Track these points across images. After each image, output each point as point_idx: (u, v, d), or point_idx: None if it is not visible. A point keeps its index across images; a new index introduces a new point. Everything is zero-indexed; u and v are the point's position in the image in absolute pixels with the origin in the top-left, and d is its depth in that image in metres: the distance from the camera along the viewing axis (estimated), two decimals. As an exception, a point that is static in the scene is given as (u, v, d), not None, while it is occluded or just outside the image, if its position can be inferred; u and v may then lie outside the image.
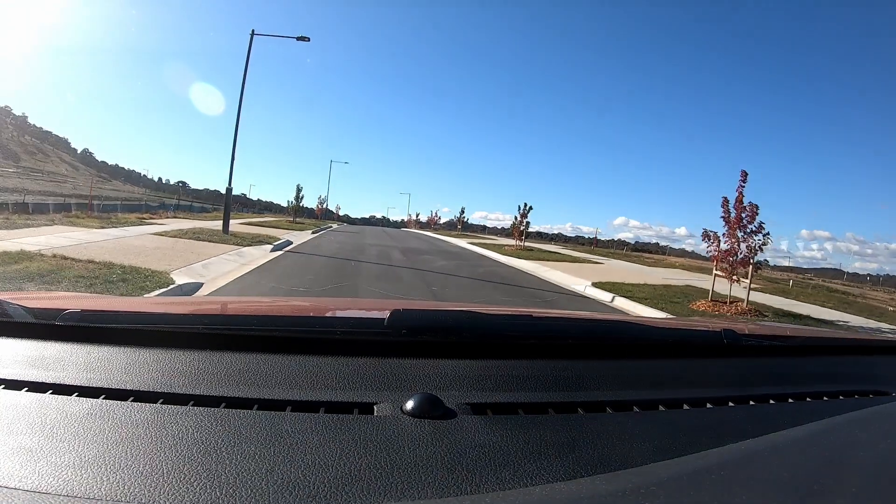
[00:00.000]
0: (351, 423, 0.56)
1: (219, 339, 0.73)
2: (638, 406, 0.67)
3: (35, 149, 67.05)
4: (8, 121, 66.99)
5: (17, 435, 0.52)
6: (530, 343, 0.81)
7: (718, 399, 0.72)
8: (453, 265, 12.09)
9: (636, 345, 0.88)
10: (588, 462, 0.52)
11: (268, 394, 0.61)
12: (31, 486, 0.44)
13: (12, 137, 63.87)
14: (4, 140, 61.81)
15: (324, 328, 0.85)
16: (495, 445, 0.53)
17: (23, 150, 63.16)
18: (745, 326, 1.11)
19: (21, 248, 6.68)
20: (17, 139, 64.80)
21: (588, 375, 0.73)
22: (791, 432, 0.56)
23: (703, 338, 1.00)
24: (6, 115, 67.30)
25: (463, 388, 0.66)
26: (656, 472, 0.45)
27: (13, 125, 66.91)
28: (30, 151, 64.24)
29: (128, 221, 13.81)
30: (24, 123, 71.03)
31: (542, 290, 9.22)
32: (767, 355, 0.96)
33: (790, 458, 0.49)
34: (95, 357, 0.69)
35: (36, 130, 72.92)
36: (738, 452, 0.49)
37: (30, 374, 0.65)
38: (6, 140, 62.11)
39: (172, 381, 0.64)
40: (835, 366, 0.98)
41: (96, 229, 10.41)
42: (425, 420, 0.57)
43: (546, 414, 0.63)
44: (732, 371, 0.86)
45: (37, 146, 68.10)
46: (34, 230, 9.27)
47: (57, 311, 0.76)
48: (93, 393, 0.61)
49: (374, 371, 0.68)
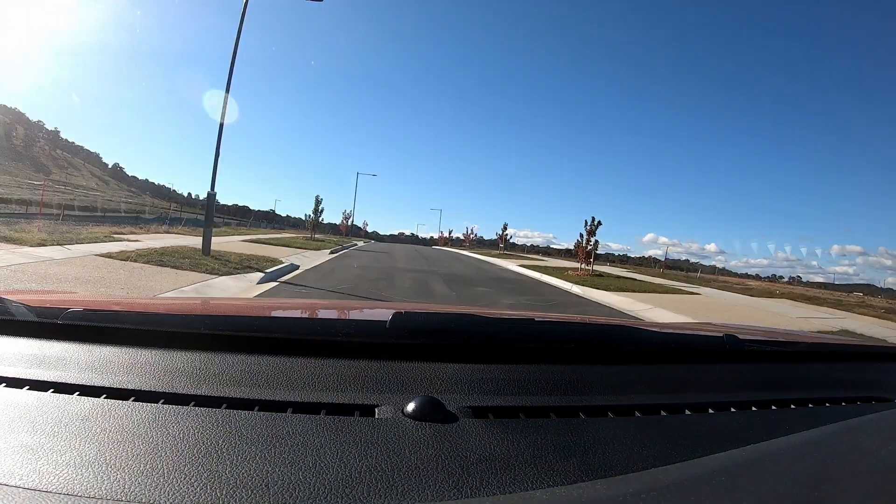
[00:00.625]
0: (352, 426, 0.56)
1: (221, 340, 0.73)
2: (639, 411, 0.66)
3: (66, 163, 67.38)
4: (40, 135, 67.33)
5: (18, 433, 0.52)
6: (532, 347, 0.79)
7: (720, 404, 0.71)
8: (524, 304, 8.30)
9: (638, 349, 0.87)
10: (589, 467, 0.52)
11: (269, 395, 0.61)
12: (31, 484, 0.44)
13: (43, 151, 63.96)
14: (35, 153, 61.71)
15: (326, 330, 0.83)
16: (496, 449, 0.53)
17: (54, 164, 63.26)
18: (746, 331, 1.13)
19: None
20: (48, 153, 64.94)
21: (590, 380, 0.72)
22: (793, 438, 0.55)
23: (705, 343, 0.98)
24: (39, 130, 67.71)
25: (465, 392, 0.65)
26: (657, 478, 0.44)
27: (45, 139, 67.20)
28: (61, 165, 64.39)
29: (89, 237, 10.57)
30: (56, 138, 71.67)
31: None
32: (770, 361, 0.94)
33: (792, 465, 0.49)
34: (97, 356, 0.70)
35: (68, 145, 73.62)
36: (740, 458, 0.49)
37: (31, 372, 0.65)
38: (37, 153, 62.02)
39: (174, 382, 0.64)
40: (837, 372, 0.96)
41: (29, 247, 7.92)
42: (426, 423, 0.56)
43: (547, 418, 0.62)
44: (734, 376, 0.84)
45: (67, 160, 68.48)
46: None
47: (59, 309, 0.76)
48: (94, 392, 0.61)
49: (375, 373, 0.67)
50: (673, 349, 0.90)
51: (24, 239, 8.60)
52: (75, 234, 10.97)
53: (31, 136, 61.03)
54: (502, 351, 0.76)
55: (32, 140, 61.51)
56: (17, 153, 56.23)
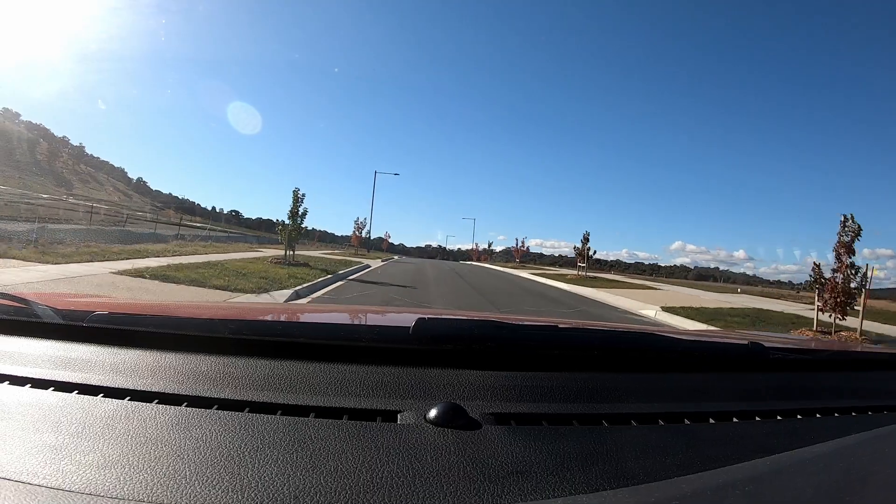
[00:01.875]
0: (374, 431, 0.56)
1: (244, 345, 0.74)
2: (663, 419, 0.65)
3: (89, 177, 68.82)
4: (64, 150, 69.01)
5: (42, 433, 0.53)
6: (555, 354, 0.79)
7: (745, 413, 0.70)
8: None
9: (662, 357, 0.86)
10: (612, 475, 0.51)
11: (292, 399, 0.61)
12: (54, 483, 0.45)
13: (66, 166, 65.49)
14: (58, 168, 63.13)
15: (349, 336, 0.83)
16: (518, 456, 0.53)
17: (77, 179, 64.65)
18: (771, 339, 1.14)
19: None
20: (71, 167, 66.49)
21: (613, 387, 0.72)
22: (818, 448, 0.55)
23: (729, 351, 0.96)
24: (64, 146, 69.49)
25: (487, 398, 0.65)
26: (680, 487, 0.44)
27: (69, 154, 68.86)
28: (83, 180, 65.80)
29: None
30: (80, 153, 73.39)
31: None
32: (795, 369, 0.93)
33: (816, 474, 0.48)
34: (122, 359, 0.70)
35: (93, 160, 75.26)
36: (764, 467, 0.48)
37: (57, 374, 0.66)
38: (59, 168, 63.45)
39: (197, 385, 0.64)
40: (863, 381, 0.94)
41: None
42: (448, 429, 0.56)
43: (570, 425, 0.62)
44: (759, 385, 0.82)
45: (91, 175, 69.94)
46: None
47: (85, 312, 0.77)
48: (118, 394, 0.61)
49: (398, 379, 0.67)
50: (697, 356, 0.89)
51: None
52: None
53: (54, 151, 62.56)
54: (525, 358, 0.76)
55: (55, 155, 63.05)
56: (40, 168, 57.74)
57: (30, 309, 0.78)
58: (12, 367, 0.68)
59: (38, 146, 60.61)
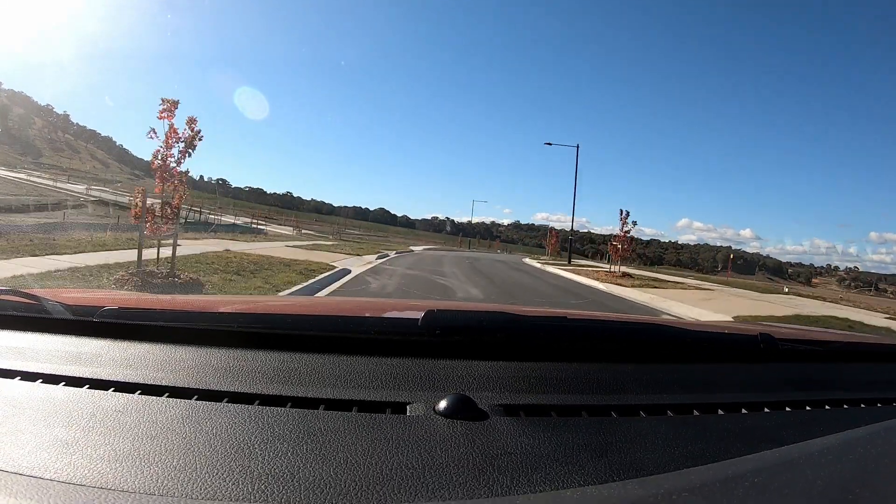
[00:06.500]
0: (383, 423, 0.56)
1: (253, 338, 0.74)
2: (672, 410, 0.66)
3: (65, 145, 68.96)
4: (47, 119, 69.48)
5: (53, 428, 0.53)
6: (564, 345, 0.79)
7: (754, 404, 0.70)
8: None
9: (671, 348, 0.86)
10: (621, 466, 0.51)
11: (301, 392, 0.62)
12: (66, 477, 0.45)
13: (39, 133, 65.80)
14: (30, 136, 63.48)
15: (358, 328, 0.83)
16: (527, 447, 0.53)
17: (49, 146, 64.70)
18: (781, 330, 1.11)
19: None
20: (45, 136, 66.80)
21: (622, 378, 0.72)
22: (827, 440, 0.55)
23: (739, 341, 0.96)
24: (48, 115, 70.07)
25: (496, 390, 0.65)
26: (689, 478, 0.44)
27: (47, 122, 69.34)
28: (57, 148, 65.87)
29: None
30: (65, 122, 73.88)
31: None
32: (804, 360, 0.93)
33: (825, 466, 0.48)
34: (132, 353, 0.70)
35: (80, 129, 75.73)
36: (773, 459, 0.48)
37: (67, 369, 0.66)
38: (32, 136, 63.80)
39: (207, 378, 0.64)
40: (873, 372, 0.95)
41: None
42: (458, 421, 0.57)
43: (579, 417, 0.62)
44: (769, 376, 0.83)
45: (68, 143, 70.22)
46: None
47: (95, 307, 0.77)
48: (129, 388, 0.61)
49: (407, 371, 0.68)
50: (706, 348, 0.90)
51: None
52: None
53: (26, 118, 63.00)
54: (534, 349, 0.76)
55: (28, 122, 63.57)
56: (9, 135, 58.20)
57: (40, 305, 0.78)
58: (24, 362, 0.68)
59: (11, 113, 61.08)
